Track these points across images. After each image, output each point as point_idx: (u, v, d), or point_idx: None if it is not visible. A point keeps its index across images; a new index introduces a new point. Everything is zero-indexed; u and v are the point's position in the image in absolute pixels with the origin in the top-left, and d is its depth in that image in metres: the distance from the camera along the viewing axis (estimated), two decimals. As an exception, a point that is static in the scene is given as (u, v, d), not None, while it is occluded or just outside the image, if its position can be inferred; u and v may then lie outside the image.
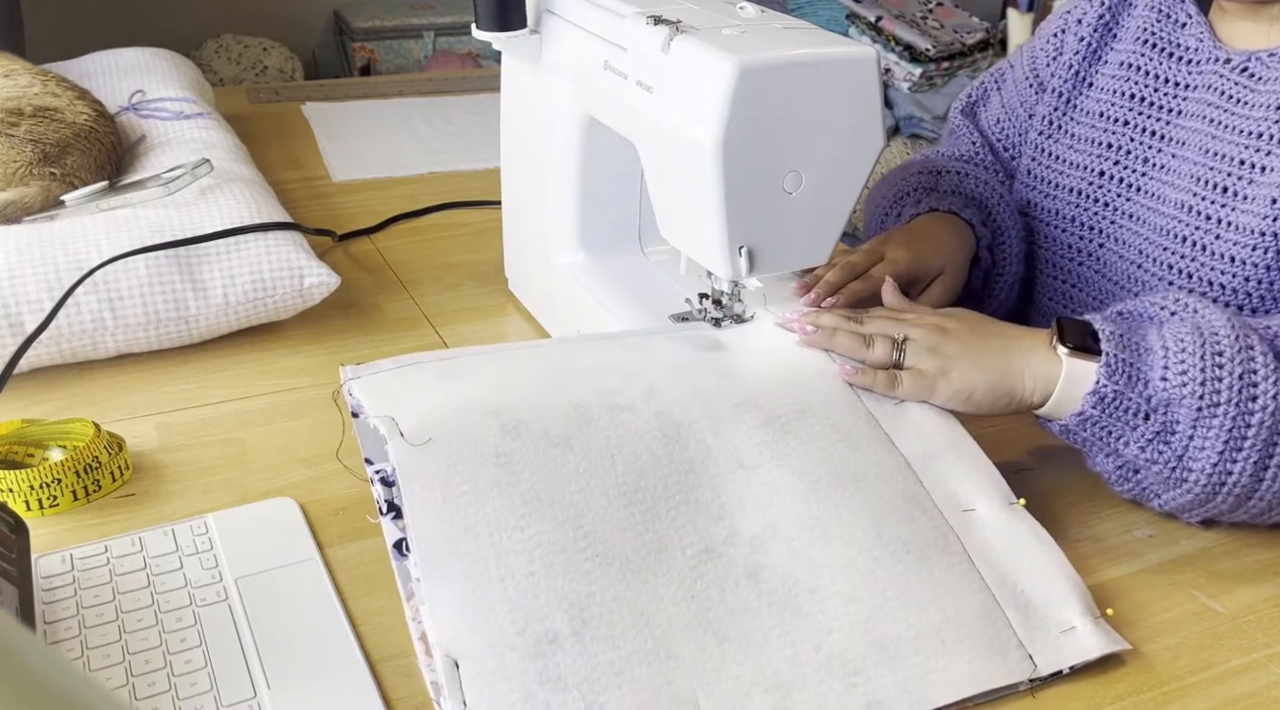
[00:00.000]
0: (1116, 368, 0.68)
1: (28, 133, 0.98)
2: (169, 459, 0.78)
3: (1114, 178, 0.92)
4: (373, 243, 1.16)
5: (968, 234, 0.93)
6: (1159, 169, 0.89)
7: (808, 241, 0.74)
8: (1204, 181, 0.84)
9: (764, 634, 0.59)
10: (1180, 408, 0.67)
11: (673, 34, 0.70)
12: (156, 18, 2.93)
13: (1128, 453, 0.70)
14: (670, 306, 0.82)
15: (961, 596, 0.62)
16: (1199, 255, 0.84)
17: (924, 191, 0.98)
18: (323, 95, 1.65)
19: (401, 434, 0.62)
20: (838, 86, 0.69)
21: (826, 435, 0.68)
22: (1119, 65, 0.93)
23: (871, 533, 0.64)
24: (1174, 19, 0.90)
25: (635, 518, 0.62)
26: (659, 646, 0.57)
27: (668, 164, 0.74)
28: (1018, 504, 0.68)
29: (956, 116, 1.12)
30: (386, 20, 3.13)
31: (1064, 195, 0.96)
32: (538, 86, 0.90)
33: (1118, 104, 0.92)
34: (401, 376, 0.67)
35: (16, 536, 0.62)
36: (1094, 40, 0.96)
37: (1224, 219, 0.83)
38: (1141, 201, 0.90)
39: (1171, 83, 0.89)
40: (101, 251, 0.88)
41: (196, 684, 0.57)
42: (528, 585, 0.57)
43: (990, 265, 0.96)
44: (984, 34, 3.23)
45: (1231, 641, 0.65)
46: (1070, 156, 0.96)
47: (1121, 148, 0.92)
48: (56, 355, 0.87)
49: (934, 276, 0.88)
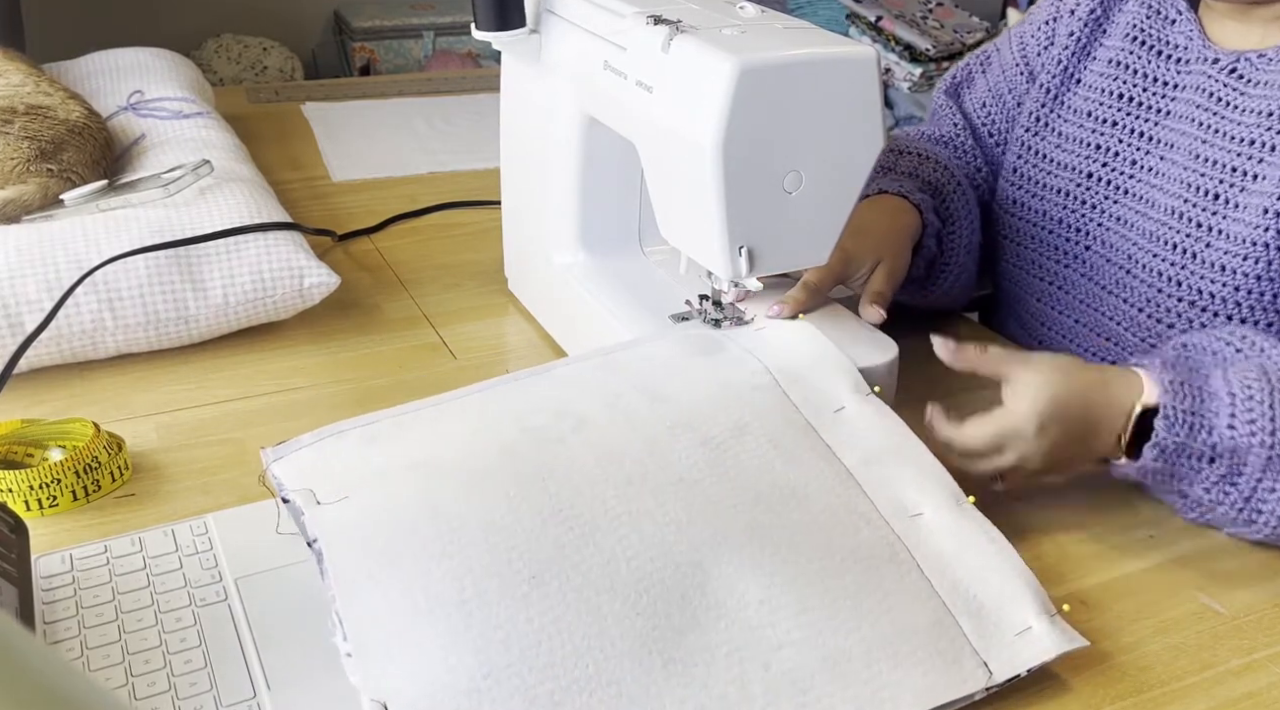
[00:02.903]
0: (1176, 419, 0.67)
1: (22, 130, 0.98)
2: (169, 459, 0.78)
3: (1102, 180, 0.91)
4: (372, 243, 1.16)
5: (913, 218, 0.91)
6: (1147, 172, 0.88)
7: (808, 241, 0.74)
8: (1194, 187, 0.83)
9: (711, 652, 0.56)
10: (1249, 455, 0.67)
11: (673, 34, 0.70)
12: (156, 18, 2.93)
13: (1194, 493, 0.70)
14: (670, 307, 0.82)
15: (911, 607, 0.60)
16: (1189, 263, 0.83)
17: (880, 171, 0.96)
18: (323, 95, 1.65)
19: (318, 502, 0.60)
20: (838, 86, 0.69)
21: (765, 452, 0.66)
22: (1108, 63, 0.92)
23: (820, 544, 0.62)
24: (1164, 15, 0.89)
25: (574, 534, 0.59)
26: (600, 673, 0.54)
27: (668, 164, 0.74)
28: (967, 502, 0.66)
29: (940, 96, 1.09)
30: (386, 20, 3.13)
31: (1051, 196, 0.95)
32: (537, 86, 0.90)
33: (1106, 103, 0.91)
34: (321, 449, 0.64)
35: (16, 536, 0.62)
36: (1084, 35, 0.94)
37: (1214, 226, 0.82)
38: (1129, 204, 0.89)
39: (1160, 82, 0.88)
40: (101, 251, 0.88)
41: (196, 684, 0.57)
42: (459, 616, 0.54)
43: (936, 254, 0.95)
44: (984, 34, 3.23)
45: (1231, 641, 0.65)
46: (1058, 156, 0.95)
47: (1110, 149, 0.91)
48: (56, 355, 0.87)
49: (869, 269, 0.85)
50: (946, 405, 0.73)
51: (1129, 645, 0.64)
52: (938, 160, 0.99)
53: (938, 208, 0.95)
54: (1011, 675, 0.59)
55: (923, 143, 1.03)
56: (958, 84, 1.08)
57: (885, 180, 0.94)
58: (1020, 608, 0.61)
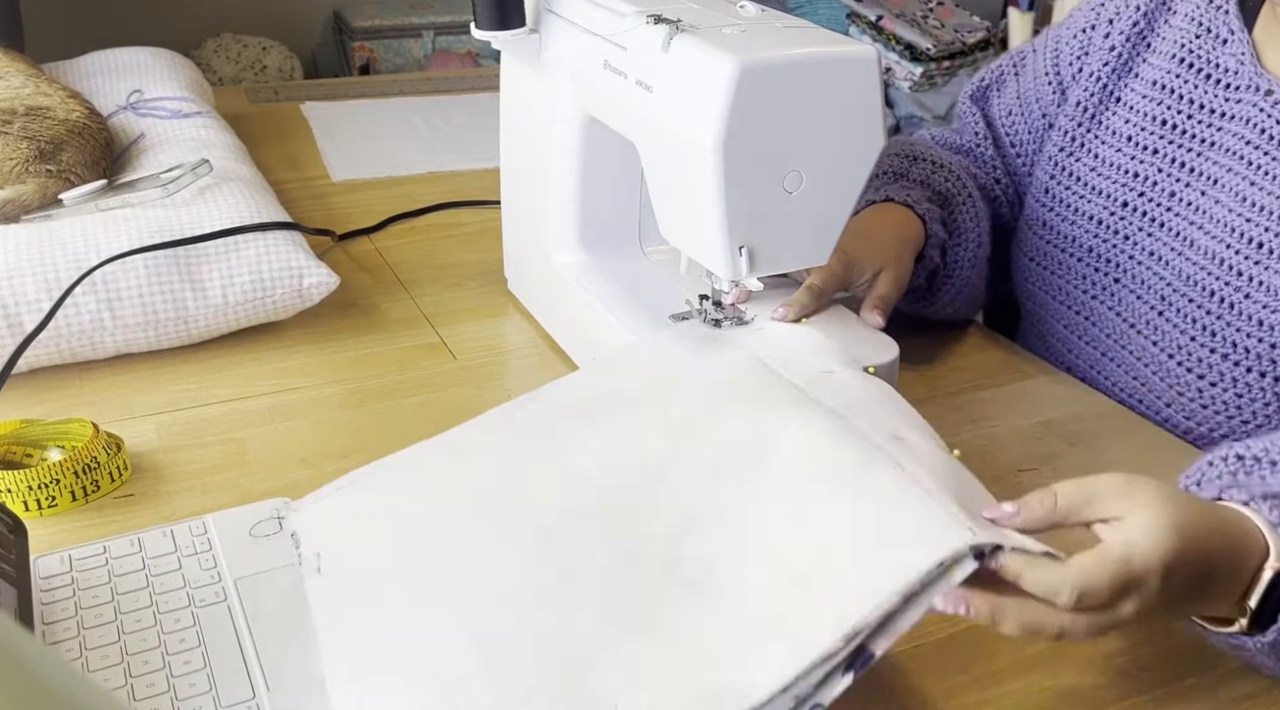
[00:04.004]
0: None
1: (21, 130, 0.98)
2: (168, 459, 0.78)
3: (1137, 210, 0.86)
4: (372, 242, 1.16)
5: (916, 230, 0.89)
6: (1187, 206, 0.83)
7: (808, 241, 0.74)
8: (1236, 232, 0.78)
9: (680, 616, 0.55)
10: None
11: (673, 33, 0.70)
12: (156, 18, 2.93)
13: None
14: (670, 307, 0.82)
15: (892, 496, 0.55)
16: (1225, 312, 0.79)
17: (892, 177, 0.94)
18: (322, 95, 1.64)
19: (319, 570, 0.64)
20: (838, 86, 0.69)
21: (740, 415, 0.66)
22: (1151, 84, 0.86)
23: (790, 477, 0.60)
24: (1215, 34, 0.83)
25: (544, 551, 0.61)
26: (568, 660, 0.55)
27: (668, 164, 0.74)
28: (953, 455, 0.62)
29: (965, 102, 1.05)
30: (386, 20, 3.13)
31: (1083, 221, 0.90)
32: (537, 86, 0.90)
33: (1147, 128, 0.86)
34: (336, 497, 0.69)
35: (15, 537, 0.62)
36: (1125, 50, 0.89)
37: (1256, 277, 0.77)
38: (1165, 240, 0.84)
39: (1206, 109, 0.83)
40: (100, 251, 0.88)
41: (195, 684, 0.57)
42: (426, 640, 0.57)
43: (939, 265, 0.92)
44: (984, 33, 3.23)
45: (1232, 642, 0.65)
46: (1092, 180, 0.90)
47: (1148, 178, 0.86)
48: (55, 355, 0.87)
49: (871, 276, 0.84)
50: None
51: (1129, 645, 0.64)
52: (951, 169, 0.96)
53: (945, 219, 0.92)
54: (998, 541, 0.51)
55: (939, 150, 1.00)
56: (986, 88, 1.04)
57: (894, 188, 0.91)
58: None
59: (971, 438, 0.83)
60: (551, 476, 0.66)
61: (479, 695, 0.54)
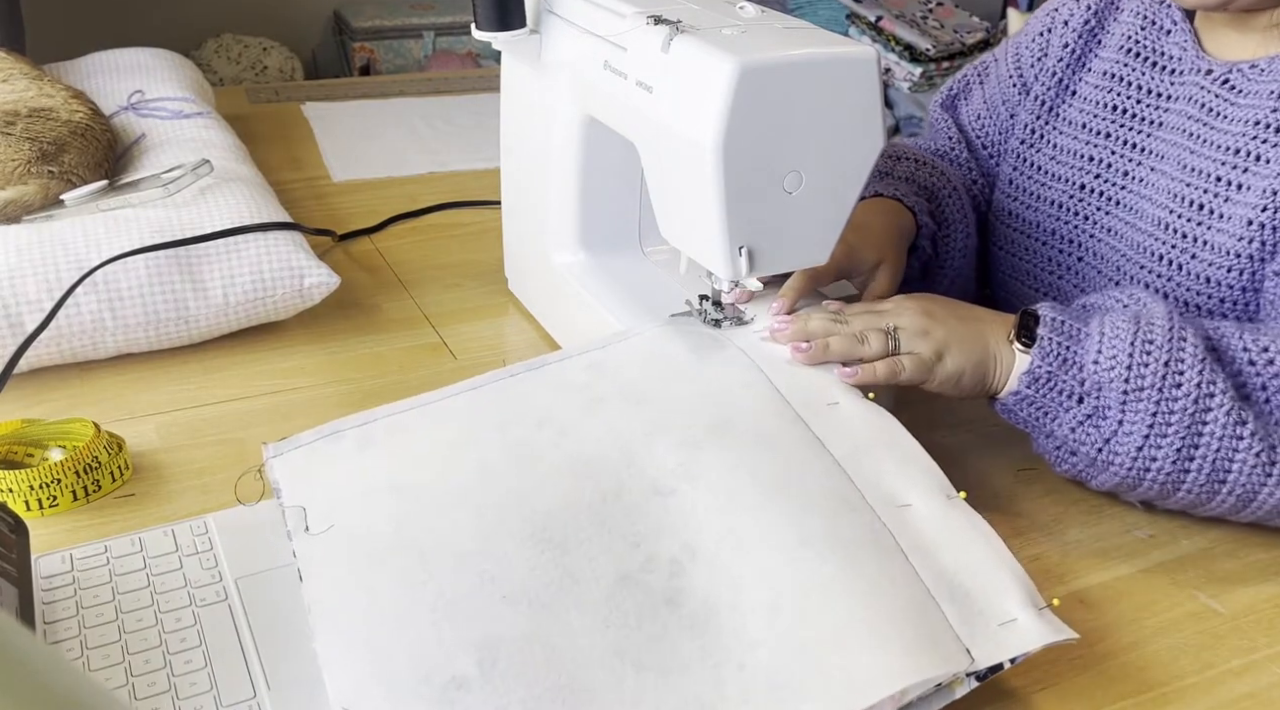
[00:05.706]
0: (1050, 350, 0.70)
1: (24, 131, 0.98)
2: (169, 459, 0.78)
3: (1094, 191, 0.91)
4: (373, 243, 1.16)
5: (908, 221, 0.92)
6: (1138, 183, 0.88)
7: (808, 241, 0.74)
8: (1181, 198, 0.82)
9: (684, 659, 0.56)
10: (1109, 391, 0.68)
11: (673, 34, 0.70)
12: (156, 18, 2.93)
13: (1060, 433, 0.71)
14: (670, 306, 0.82)
15: (892, 591, 0.58)
16: (1175, 274, 0.83)
17: (876, 176, 0.96)
18: (323, 95, 1.65)
19: (307, 528, 0.63)
20: (838, 86, 0.69)
21: (745, 446, 0.66)
22: (1102, 75, 0.92)
23: (793, 537, 0.61)
24: (1159, 25, 0.89)
25: (545, 556, 0.61)
26: (573, 680, 0.55)
27: (668, 164, 0.74)
28: (958, 497, 0.65)
29: (936, 109, 1.09)
30: (386, 20, 3.13)
31: (1045, 207, 0.95)
32: (538, 86, 0.90)
33: (1100, 116, 0.91)
34: (320, 449, 0.68)
35: (16, 537, 0.62)
36: (1078, 46, 0.94)
37: (1200, 237, 0.81)
38: (1120, 216, 0.89)
39: (1153, 93, 0.88)
40: (101, 251, 0.88)
41: (196, 684, 0.57)
42: (431, 633, 0.56)
43: (931, 257, 0.95)
44: (984, 34, 3.23)
45: (1231, 641, 0.65)
46: (1052, 168, 0.95)
47: (1102, 161, 0.90)
48: (56, 355, 0.87)
49: (871, 266, 0.86)
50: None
51: (1129, 645, 0.65)
52: (934, 166, 0.99)
53: (933, 211, 0.95)
54: (995, 662, 0.56)
55: (920, 151, 1.03)
56: (954, 96, 1.08)
57: (881, 184, 0.94)
58: (1006, 599, 0.59)
59: (971, 437, 0.83)
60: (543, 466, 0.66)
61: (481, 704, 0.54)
